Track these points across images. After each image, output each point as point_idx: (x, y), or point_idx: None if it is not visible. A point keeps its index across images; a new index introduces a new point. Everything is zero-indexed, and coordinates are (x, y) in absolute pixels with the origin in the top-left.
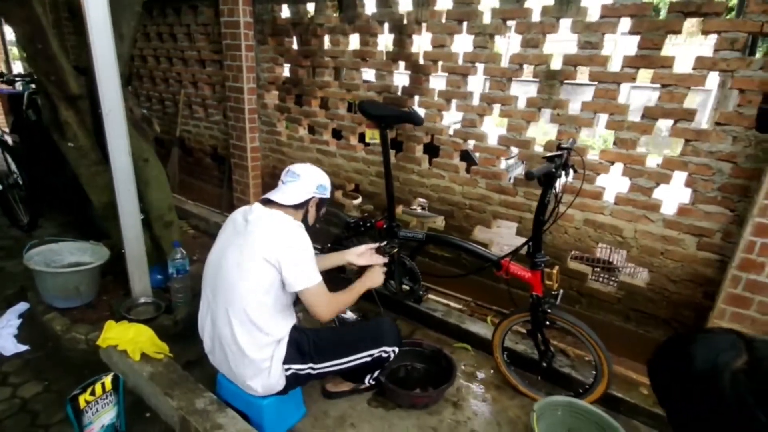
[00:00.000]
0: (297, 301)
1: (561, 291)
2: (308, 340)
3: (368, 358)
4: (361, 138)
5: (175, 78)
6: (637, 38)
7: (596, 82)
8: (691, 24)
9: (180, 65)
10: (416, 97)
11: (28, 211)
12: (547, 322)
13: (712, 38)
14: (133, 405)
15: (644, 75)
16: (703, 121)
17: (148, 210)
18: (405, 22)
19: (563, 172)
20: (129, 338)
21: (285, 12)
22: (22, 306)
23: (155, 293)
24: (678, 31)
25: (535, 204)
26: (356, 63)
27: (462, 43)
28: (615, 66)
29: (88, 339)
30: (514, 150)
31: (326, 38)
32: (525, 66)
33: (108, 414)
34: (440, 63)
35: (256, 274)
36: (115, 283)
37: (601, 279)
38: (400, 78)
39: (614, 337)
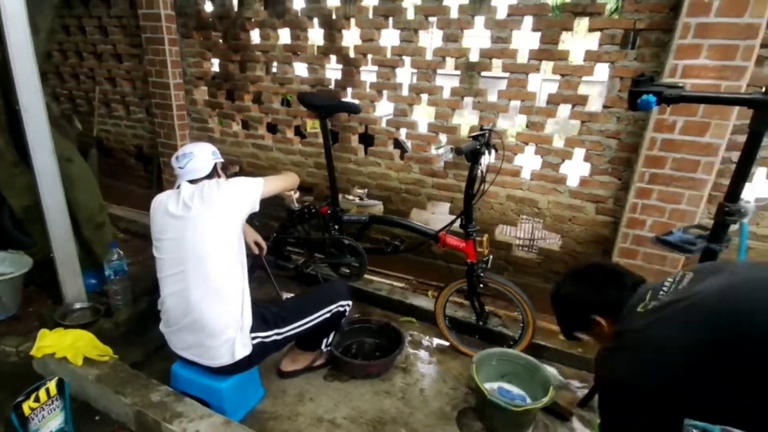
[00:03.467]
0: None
1: (491, 257)
2: (270, 311)
3: (328, 314)
4: (297, 131)
5: (87, 74)
6: (539, 34)
7: (509, 73)
8: (580, 23)
9: (92, 60)
10: (349, 90)
11: None
12: (481, 285)
13: (597, 35)
14: (80, 410)
15: (547, 66)
16: (600, 106)
17: (76, 212)
18: (334, 17)
19: (486, 151)
20: (67, 344)
21: (209, 5)
22: None
23: (91, 298)
24: (571, 29)
25: (463, 185)
26: (288, 57)
27: (389, 38)
28: (523, 58)
29: (20, 351)
30: (443, 138)
31: (255, 32)
32: (447, 59)
33: (55, 420)
34: (370, 56)
35: (223, 238)
36: (40, 293)
37: (523, 248)
38: (332, 72)
39: (537, 297)
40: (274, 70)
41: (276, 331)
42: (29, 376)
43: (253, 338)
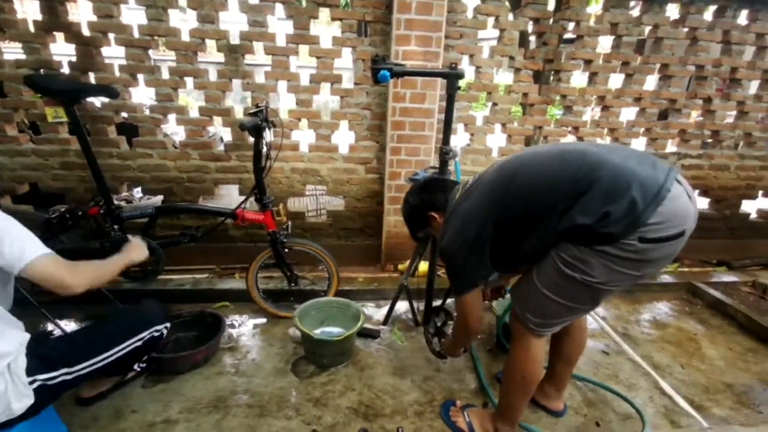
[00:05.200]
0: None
1: (290, 222)
2: (53, 347)
3: (139, 342)
4: (31, 126)
5: None
6: (291, 21)
7: (271, 55)
8: (323, 12)
9: None
10: (91, 74)
11: None
12: (286, 250)
13: (338, 24)
14: None
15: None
16: (352, 84)
17: None
18: None
19: (267, 126)
20: None
21: None
22: None
23: None
24: (317, 17)
25: (248, 164)
26: None
27: (134, 16)
28: (282, 42)
29: None
30: (217, 120)
31: None
32: (207, 41)
33: None
34: (112, 36)
35: None
36: None
37: (313, 214)
38: (62, 53)
39: (334, 252)
40: None
41: (65, 370)
42: None
43: (32, 382)
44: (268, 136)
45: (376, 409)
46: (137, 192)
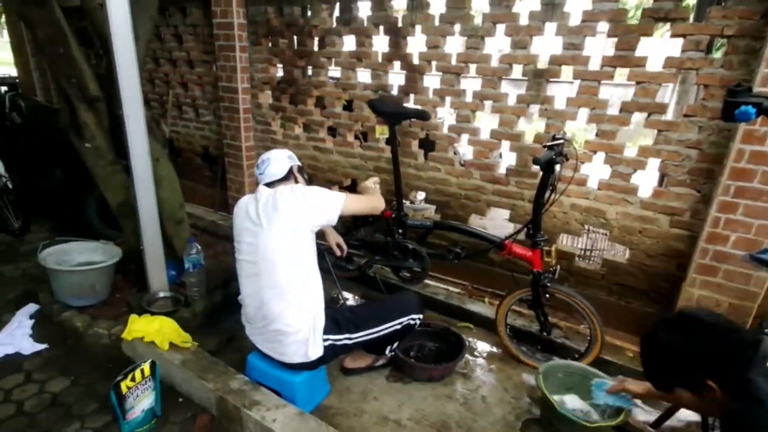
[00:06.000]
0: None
1: (558, 267)
2: (344, 315)
3: (398, 326)
4: (358, 135)
5: (162, 78)
6: (614, 40)
7: (579, 80)
8: (657, 27)
9: (167, 66)
10: (411, 95)
11: (19, 215)
12: (547, 295)
13: (678, 40)
14: (164, 393)
15: (621, 73)
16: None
17: (160, 209)
18: (400, 24)
19: (560, 161)
20: (155, 330)
21: (278, 14)
22: (32, 307)
23: (171, 288)
24: (650, 34)
25: (525, 192)
26: (352, 63)
27: (454, 44)
28: (595, 65)
29: (111, 333)
30: (506, 144)
31: (319, 39)
32: (514, 65)
33: (147, 399)
34: (434, 63)
35: (295, 244)
36: (125, 281)
37: (585, 258)
38: (394, 77)
39: (599, 309)
40: (338, 75)
41: (347, 335)
42: (119, 358)
43: (325, 340)
44: (559, 169)
45: None
46: (420, 195)
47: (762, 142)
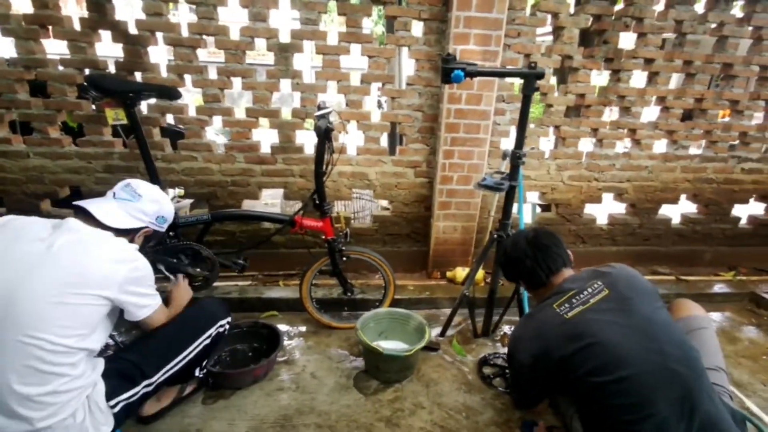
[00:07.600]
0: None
1: (348, 230)
2: (131, 360)
3: (208, 340)
4: (68, 130)
5: None
6: (344, 18)
7: (322, 54)
8: (375, 8)
9: None
10: (138, 74)
11: None
12: (344, 258)
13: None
14: None
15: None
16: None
17: None
18: None
19: (332, 129)
20: None
21: None
22: None
23: None
24: (370, 14)
25: (295, 168)
26: (32, 32)
27: (185, 14)
28: (334, 41)
29: None
30: (264, 122)
31: None
32: (257, 39)
33: None
34: (160, 34)
35: (82, 310)
36: None
37: (359, 219)
38: (108, 53)
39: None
40: (12, 48)
41: (146, 382)
42: None
43: (114, 405)
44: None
45: (451, 430)
46: (172, 191)
47: (459, 101)
